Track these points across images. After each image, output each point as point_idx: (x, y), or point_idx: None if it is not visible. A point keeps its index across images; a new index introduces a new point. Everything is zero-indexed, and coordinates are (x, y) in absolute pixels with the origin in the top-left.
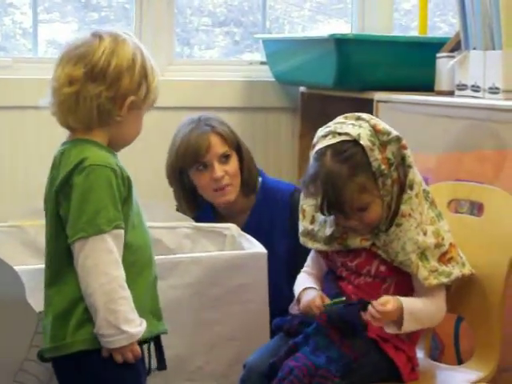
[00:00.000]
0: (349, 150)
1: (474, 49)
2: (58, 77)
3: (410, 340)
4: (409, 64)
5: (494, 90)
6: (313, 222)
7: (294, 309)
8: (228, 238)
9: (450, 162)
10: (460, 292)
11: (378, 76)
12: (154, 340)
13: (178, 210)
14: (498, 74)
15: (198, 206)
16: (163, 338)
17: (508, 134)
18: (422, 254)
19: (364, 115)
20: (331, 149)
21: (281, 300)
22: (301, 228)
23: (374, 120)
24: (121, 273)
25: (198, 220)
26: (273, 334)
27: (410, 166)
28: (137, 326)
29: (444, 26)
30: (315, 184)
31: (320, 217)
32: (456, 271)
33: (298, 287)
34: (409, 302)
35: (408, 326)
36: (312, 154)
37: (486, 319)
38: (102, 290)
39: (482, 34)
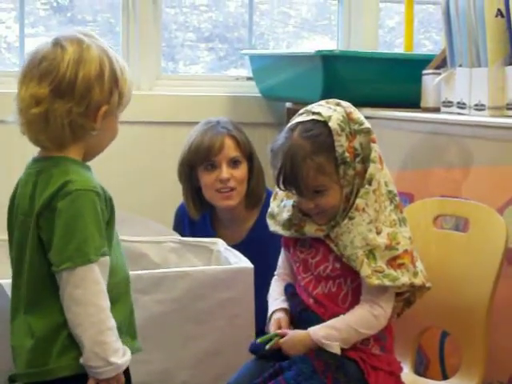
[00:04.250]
0: (316, 130)
1: (460, 66)
2: (22, 98)
3: (385, 351)
4: (395, 80)
5: (479, 107)
6: (280, 205)
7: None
8: (214, 252)
9: (435, 178)
10: (445, 306)
11: (364, 92)
12: None
13: (183, 208)
14: (483, 91)
15: (201, 207)
16: (146, 352)
17: (493, 150)
18: (370, 252)
19: (344, 103)
20: (301, 125)
21: None
22: (269, 209)
23: (351, 108)
24: (107, 303)
25: (194, 228)
26: None
27: (373, 161)
28: (123, 356)
29: (428, 43)
30: (277, 156)
31: (284, 201)
32: (404, 278)
33: (270, 298)
34: (318, 331)
35: (332, 348)
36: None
37: (471, 334)
38: (90, 321)
39: (467, 51)
